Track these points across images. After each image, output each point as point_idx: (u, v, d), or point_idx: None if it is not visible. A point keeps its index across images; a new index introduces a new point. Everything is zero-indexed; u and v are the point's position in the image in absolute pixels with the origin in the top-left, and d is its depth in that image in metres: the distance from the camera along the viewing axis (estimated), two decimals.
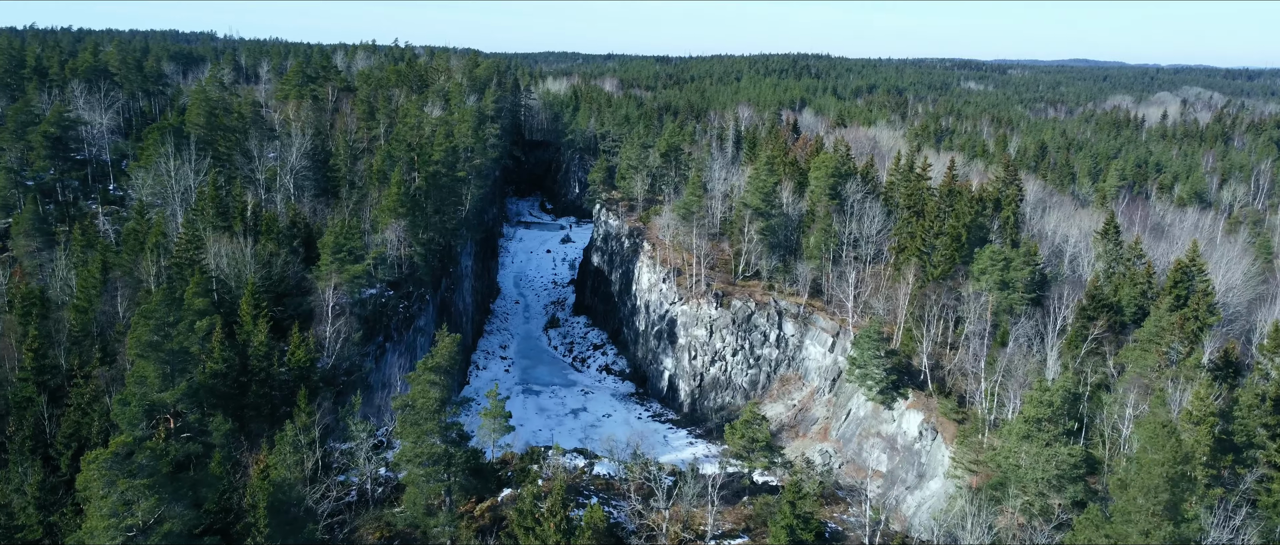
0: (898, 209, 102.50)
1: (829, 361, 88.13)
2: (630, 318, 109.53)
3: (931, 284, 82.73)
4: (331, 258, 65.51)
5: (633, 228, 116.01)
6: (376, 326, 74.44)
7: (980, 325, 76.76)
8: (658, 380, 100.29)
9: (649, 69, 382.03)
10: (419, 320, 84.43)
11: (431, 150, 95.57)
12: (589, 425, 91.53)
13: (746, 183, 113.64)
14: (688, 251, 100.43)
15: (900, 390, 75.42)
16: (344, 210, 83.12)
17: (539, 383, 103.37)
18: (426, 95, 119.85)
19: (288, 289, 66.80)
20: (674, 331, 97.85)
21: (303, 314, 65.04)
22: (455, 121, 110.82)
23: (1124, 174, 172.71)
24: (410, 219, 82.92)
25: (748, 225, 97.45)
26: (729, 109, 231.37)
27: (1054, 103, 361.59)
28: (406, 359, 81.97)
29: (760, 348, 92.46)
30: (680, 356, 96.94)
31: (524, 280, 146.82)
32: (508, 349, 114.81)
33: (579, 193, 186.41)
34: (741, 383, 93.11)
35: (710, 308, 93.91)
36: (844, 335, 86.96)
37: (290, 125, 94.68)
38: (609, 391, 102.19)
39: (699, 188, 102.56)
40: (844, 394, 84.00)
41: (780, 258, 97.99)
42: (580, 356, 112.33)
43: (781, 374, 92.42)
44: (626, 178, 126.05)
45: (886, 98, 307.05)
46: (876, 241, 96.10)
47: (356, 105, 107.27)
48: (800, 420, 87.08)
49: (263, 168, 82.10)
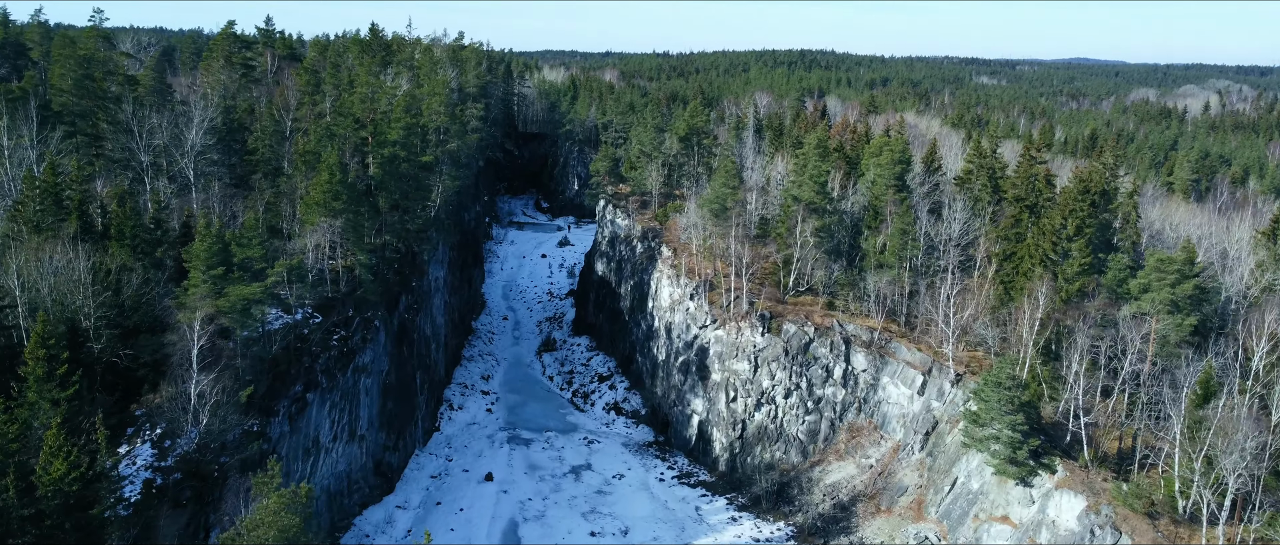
0: (981, 204, 79.92)
1: (917, 407, 65.63)
2: (645, 343, 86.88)
3: (1060, 304, 60.49)
4: (203, 275, 42.80)
5: (647, 229, 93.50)
6: (291, 370, 51.80)
7: (1135, 362, 54.74)
8: (683, 426, 77.61)
9: (651, 62, 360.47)
10: (363, 355, 61.77)
11: (388, 128, 72.99)
12: (596, 492, 68.84)
13: (788, 172, 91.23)
14: (721, 259, 77.89)
15: (1043, 459, 52.89)
16: (257, 205, 60.47)
17: (530, 427, 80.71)
18: (394, 68, 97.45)
19: (143, 322, 44.10)
20: (705, 364, 75.24)
21: (156, 361, 42.39)
22: (425, 96, 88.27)
23: (1195, 166, 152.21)
24: (352, 216, 60.37)
25: (800, 224, 74.95)
26: (743, 97, 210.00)
27: (1075, 96, 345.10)
28: (343, 413, 59.35)
29: (821, 387, 69.93)
30: (714, 397, 74.31)
31: (514, 291, 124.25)
32: (491, 380, 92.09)
33: (578, 189, 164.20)
34: (796, 434, 70.53)
35: (754, 333, 71.37)
36: (939, 372, 64.50)
37: (205, 95, 71.96)
38: (620, 439, 79.51)
39: (734, 176, 79.96)
40: (943, 453, 61.50)
41: (843, 267, 75.54)
42: (582, 391, 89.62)
43: (850, 422, 69.86)
44: (638, 167, 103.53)
45: (904, 89, 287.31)
46: (959, 245, 73.68)
47: (300, 75, 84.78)
48: (882, 488, 64.48)
49: (146, 147, 59.39)
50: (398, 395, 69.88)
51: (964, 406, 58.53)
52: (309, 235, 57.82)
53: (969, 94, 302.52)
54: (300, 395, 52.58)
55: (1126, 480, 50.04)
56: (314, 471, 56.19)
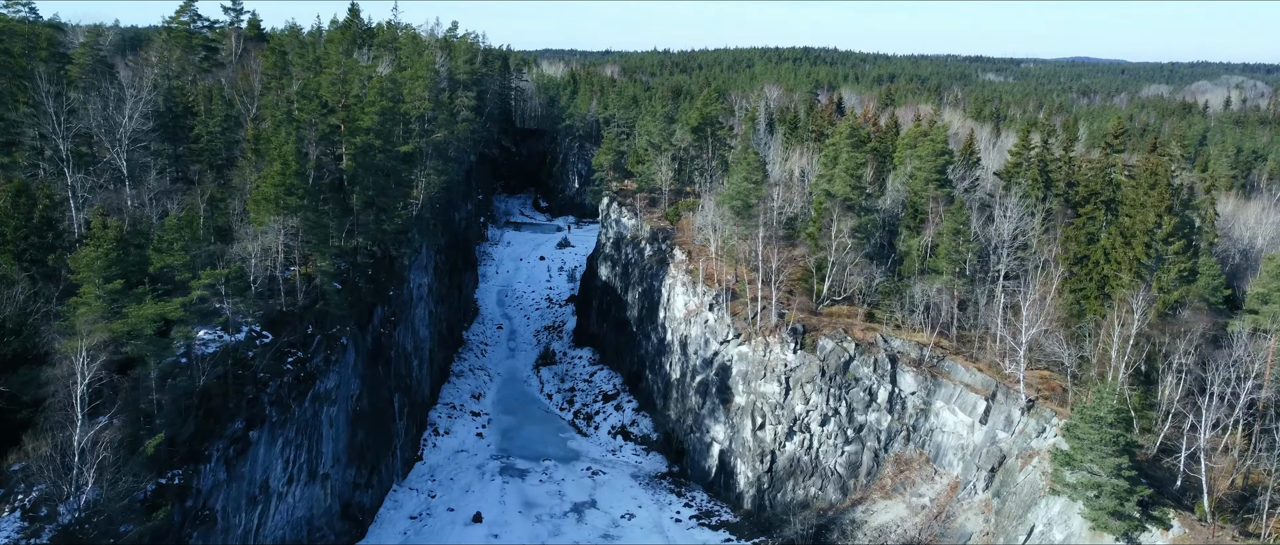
0: (1030, 200, 70.27)
1: (979, 438, 55.97)
2: (656, 358, 77.14)
3: (1155, 318, 50.93)
4: (98, 289, 33.04)
5: (656, 229, 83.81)
6: (228, 405, 42.09)
7: (1252, 389, 45.25)
8: (702, 456, 67.87)
9: (652, 59, 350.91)
10: (326, 379, 52.04)
11: (361, 114, 63.30)
12: (602, 536, 59.09)
13: (815, 165, 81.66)
14: (744, 264, 68.17)
15: (1153, 511, 43.21)
16: (197, 202, 50.73)
17: (526, 454, 71.00)
18: (373, 51, 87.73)
19: (26, 348, 34.39)
20: (727, 385, 65.50)
21: (41, 399, 32.70)
22: (407, 80, 78.50)
23: (1234, 161, 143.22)
24: (311, 215, 50.71)
25: (835, 223, 65.28)
26: (751, 91, 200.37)
27: (1085, 93, 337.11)
28: (300, 450, 49.66)
29: (863, 412, 60.24)
30: (737, 423, 64.58)
31: (511, 296, 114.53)
32: (483, 399, 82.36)
33: (579, 187, 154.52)
34: (835, 467, 60.84)
35: (785, 350, 61.67)
36: (1005, 397, 54.85)
37: (143, 73, 62.28)
38: (628, 469, 69.76)
39: (757, 169, 70.23)
40: (1014, 495, 51.82)
41: (884, 272, 65.89)
42: (585, 412, 79.85)
43: (896, 453, 60.17)
44: (645, 161, 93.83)
45: (913, 85, 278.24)
46: (1012, 248, 64.10)
47: (266, 57, 75.08)
48: (939, 534, 54.73)
49: (65, 133, 49.57)
50: (371, 423, 60.19)
51: (1039, 438, 48.87)
52: (259, 237, 48.09)
53: (979, 90, 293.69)
54: (241, 434, 42.85)
55: (1251, 533, 40.46)
56: (263, 523, 46.49)
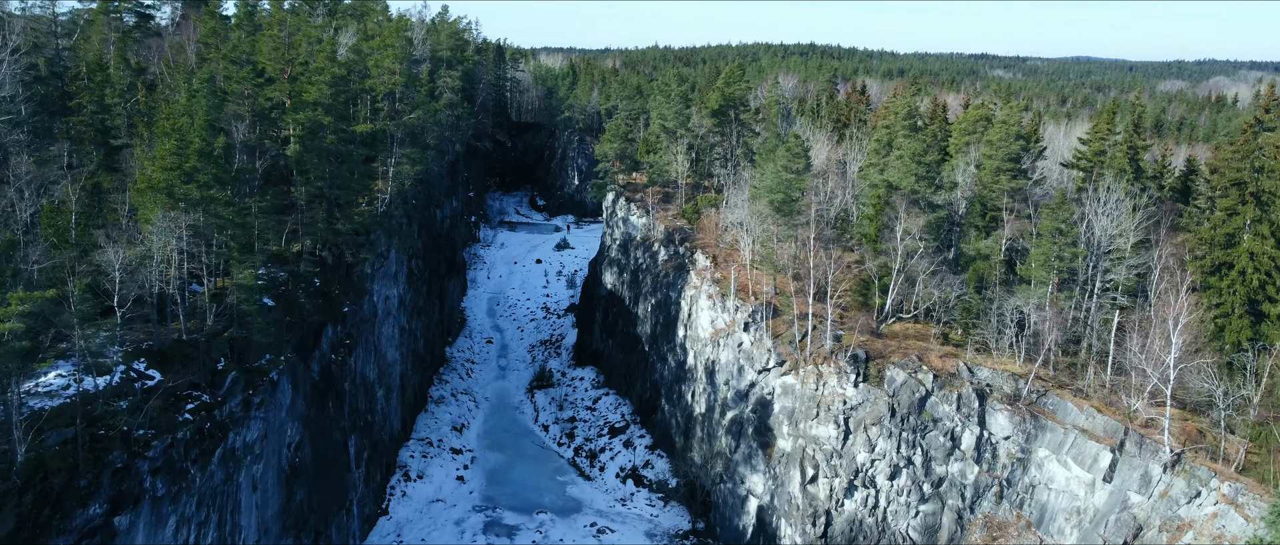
0: (1136, 196, 57.19)
1: (1101, 500, 42.99)
2: (675, 386, 64.05)
3: None
4: None
5: (671, 229, 70.82)
6: (73, 483, 29.07)
7: None
8: (734, 513, 54.68)
9: (653, 54, 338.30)
10: (244, 430, 38.93)
11: (307, 85, 50.29)
12: None
13: (867, 153, 68.60)
14: (783, 274, 55.02)
15: None
16: (73, 189, 37.67)
17: (516, 505, 57.90)
18: (337, 19, 74.79)
19: None
20: (767, 424, 52.39)
21: None
22: (373, 50, 65.49)
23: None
24: (223, 209, 37.68)
25: (900, 222, 52.27)
26: (766, 81, 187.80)
27: (1098, 88, 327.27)
28: (207, 527, 36.58)
29: (944, 462, 47.25)
30: (781, 473, 51.48)
31: (503, 305, 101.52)
32: (467, 431, 69.27)
33: (579, 183, 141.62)
34: (906, 531, 47.83)
35: (844, 382, 48.65)
36: (1139, 448, 41.89)
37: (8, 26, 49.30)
38: (642, 525, 56.66)
39: (800, 156, 57.06)
40: None
41: (962, 283, 52.89)
42: (588, 449, 66.71)
43: (986, 514, 47.16)
44: (657, 150, 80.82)
45: (925, 80, 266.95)
46: (1120, 251, 51.24)
47: (204, 21, 62.23)
48: None
49: None
50: (315, 477, 47.15)
51: (1191, 504, 35.88)
52: (148, 238, 35.05)
53: (992, 85, 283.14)
54: (99, 523, 29.84)
55: None
56: None
